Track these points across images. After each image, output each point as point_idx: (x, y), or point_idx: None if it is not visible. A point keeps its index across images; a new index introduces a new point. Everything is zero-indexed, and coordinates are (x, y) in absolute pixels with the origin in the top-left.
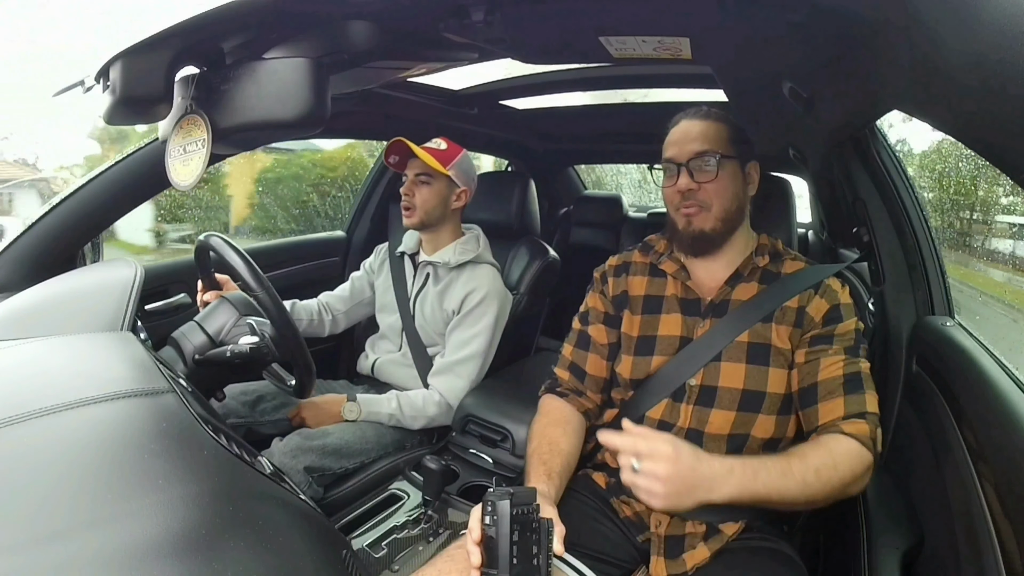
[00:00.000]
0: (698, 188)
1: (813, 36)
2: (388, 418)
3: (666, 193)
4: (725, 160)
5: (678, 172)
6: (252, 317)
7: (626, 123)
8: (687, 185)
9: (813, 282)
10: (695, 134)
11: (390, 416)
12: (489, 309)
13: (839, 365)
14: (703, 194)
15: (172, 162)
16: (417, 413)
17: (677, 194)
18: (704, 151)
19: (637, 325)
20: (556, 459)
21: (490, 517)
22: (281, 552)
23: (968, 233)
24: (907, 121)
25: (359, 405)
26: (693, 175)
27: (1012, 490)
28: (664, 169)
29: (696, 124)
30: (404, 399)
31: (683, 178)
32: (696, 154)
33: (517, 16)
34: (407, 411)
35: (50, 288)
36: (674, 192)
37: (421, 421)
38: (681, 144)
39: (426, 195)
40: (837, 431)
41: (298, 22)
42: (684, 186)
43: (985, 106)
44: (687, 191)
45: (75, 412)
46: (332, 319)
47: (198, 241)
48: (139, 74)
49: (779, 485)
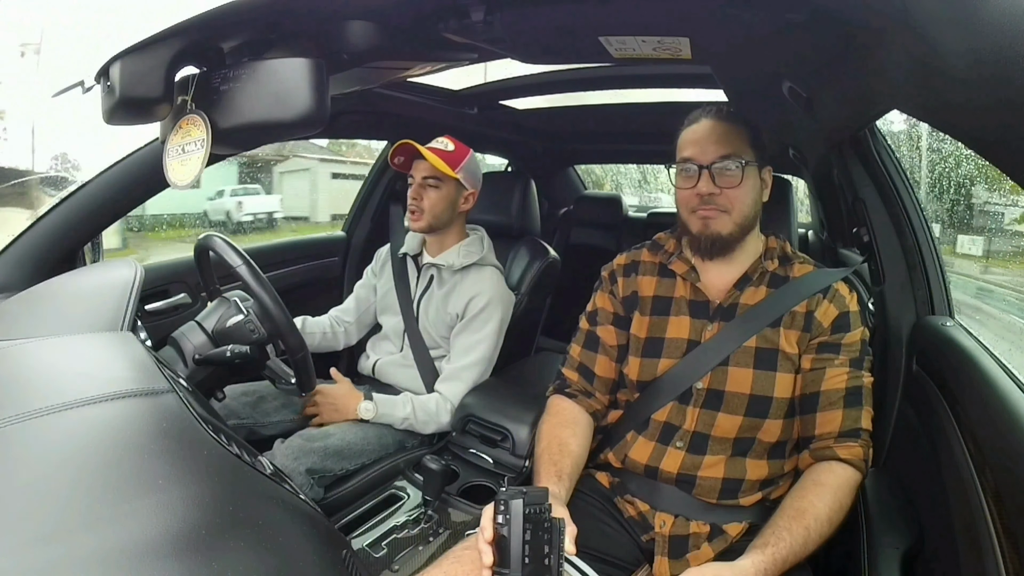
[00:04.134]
0: (719, 192)
1: (813, 36)
2: (401, 422)
3: (682, 195)
4: (748, 166)
5: (699, 174)
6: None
7: (626, 123)
8: (708, 189)
9: (821, 287)
10: (719, 135)
11: (403, 420)
12: (494, 314)
13: (843, 378)
14: (724, 199)
15: (170, 162)
16: (430, 418)
17: (696, 197)
18: (728, 154)
19: (646, 327)
20: (566, 460)
21: (503, 516)
22: (281, 552)
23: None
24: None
25: (375, 405)
26: (715, 179)
27: (1012, 490)
28: (682, 169)
29: (720, 125)
30: (418, 403)
31: (704, 181)
32: (720, 157)
33: (517, 16)
34: (420, 415)
35: (50, 288)
36: (692, 195)
37: (432, 427)
38: (703, 144)
39: (434, 199)
40: (833, 456)
41: (298, 22)
42: (705, 190)
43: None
44: (708, 195)
45: (75, 412)
46: (344, 331)
47: (198, 241)
48: (139, 74)
49: (803, 552)
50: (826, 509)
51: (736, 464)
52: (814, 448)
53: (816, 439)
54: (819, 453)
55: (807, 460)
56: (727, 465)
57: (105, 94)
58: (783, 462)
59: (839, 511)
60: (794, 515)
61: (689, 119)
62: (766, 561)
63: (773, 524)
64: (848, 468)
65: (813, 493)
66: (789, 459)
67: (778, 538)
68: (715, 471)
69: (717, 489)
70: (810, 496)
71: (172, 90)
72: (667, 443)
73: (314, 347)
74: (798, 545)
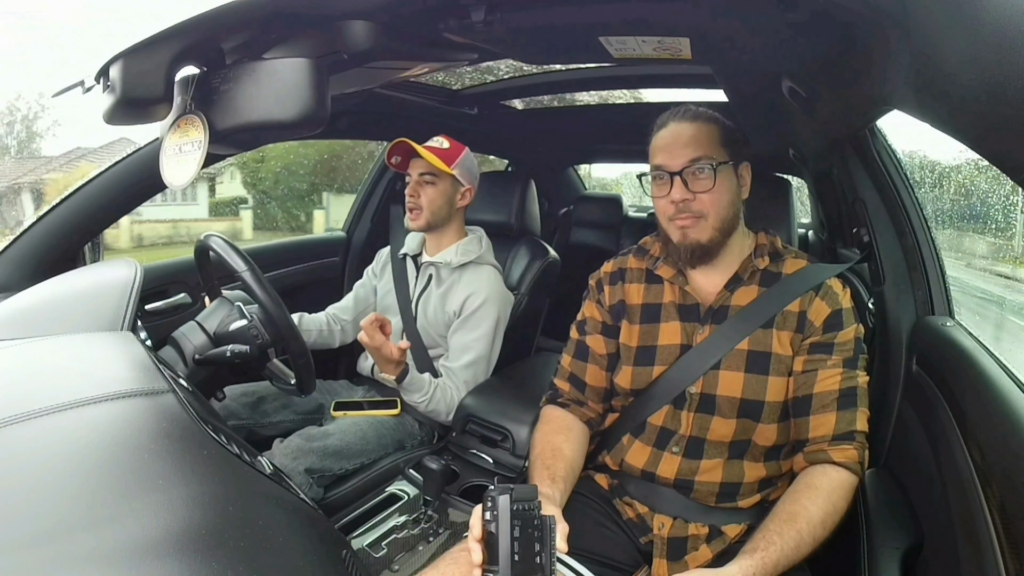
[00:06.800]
0: (693, 198)
1: (813, 36)
2: (420, 395)
3: (658, 204)
4: (720, 166)
5: (671, 181)
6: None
7: (626, 123)
8: (682, 195)
9: (814, 283)
10: (687, 138)
11: (422, 395)
12: (490, 312)
13: (836, 379)
14: (698, 204)
15: (166, 160)
16: (441, 408)
17: (671, 205)
18: (699, 157)
19: (636, 335)
20: (559, 463)
21: (490, 513)
22: (281, 552)
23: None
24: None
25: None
26: (688, 184)
27: (1012, 490)
28: (654, 177)
29: (687, 127)
30: (440, 390)
31: (677, 188)
32: (690, 161)
33: (517, 16)
34: (437, 395)
35: (50, 288)
36: (667, 203)
37: (443, 416)
38: (672, 149)
39: (432, 195)
40: (827, 459)
41: (298, 22)
42: (679, 197)
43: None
44: (682, 202)
45: (75, 412)
46: (341, 329)
47: (198, 241)
48: (139, 74)
49: (796, 556)
50: (819, 512)
51: (733, 467)
52: (808, 451)
53: (810, 442)
54: (813, 456)
55: (801, 463)
56: (724, 468)
57: (105, 94)
58: (781, 463)
59: (833, 514)
60: (786, 519)
61: (657, 124)
62: (755, 566)
63: (764, 528)
64: (843, 471)
65: (806, 497)
66: (787, 460)
67: (768, 542)
68: (712, 475)
69: (715, 492)
70: (803, 500)
71: (172, 90)
72: (663, 448)
73: (309, 344)
74: (790, 549)
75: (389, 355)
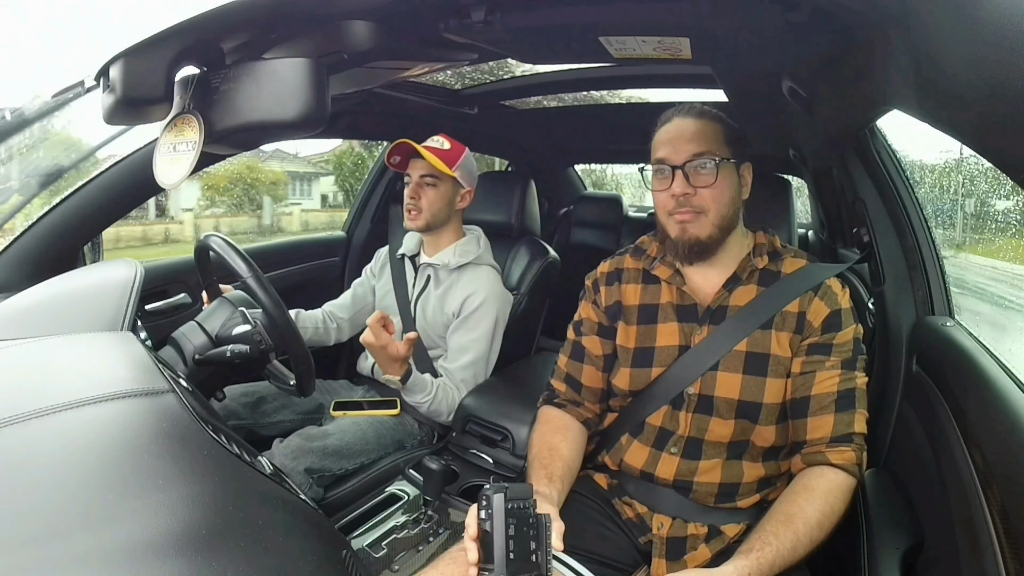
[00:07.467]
0: (694, 193)
1: (813, 36)
2: (423, 395)
3: (658, 198)
4: (723, 163)
5: (672, 175)
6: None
7: (626, 123)
8: (683, 189)
9: (814, 283)
10: (691, 134)
11: (425, 396)
12: (488, 313)
13: (834, 380)
14: (699, 199)
15: (160, 158)
16: (443, 408)
17: (671, 199)
18: (702, 152)
19: (633, 336)
20: (556, 463)
21: (485, 511)
22: (281, 552)
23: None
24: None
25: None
26: (689, 178)
27: (1012, 490)
28: (656, 171)
29: (691, 123)
30: (442, 390)
31: (678, 182)
32: (693, 156)
33: (517, 16)
34: (439, 395)
35: (50, 288)
36: (668, 197)
37: (443, 417)
38: (675, 144)
39: (432, 197)
40: (824, 462)
41: (298, 22)
42: (680, 190)
43: (985, 106)
44: (682, 196)
45: (75, 412)
46: (337, 327)
47: (198, 241)
48: (139, 74)
49: (792, 557)
50: (816, 514)
51: (732, 468)
52: (806, 453)
53: (808, 444)
54: (811, 458)
55: (799, 465)
56: (723, 469)
57: (105, 94)
58: (780, 464)
59: (831, 515)
60: (782, 520)
61: (662, 119)
62: (750, 566)
63: (760, 529)
64: (840, 473)
65: (803, 498)
66: (786, 461)
67: (764, 543)
68: (711, 476)
69: (714, 493)
70: (800, 501)
71: (172, 90)
72: (662, 448)
73: (305, 340)
74: (786, 550)
75: (395, 354)
